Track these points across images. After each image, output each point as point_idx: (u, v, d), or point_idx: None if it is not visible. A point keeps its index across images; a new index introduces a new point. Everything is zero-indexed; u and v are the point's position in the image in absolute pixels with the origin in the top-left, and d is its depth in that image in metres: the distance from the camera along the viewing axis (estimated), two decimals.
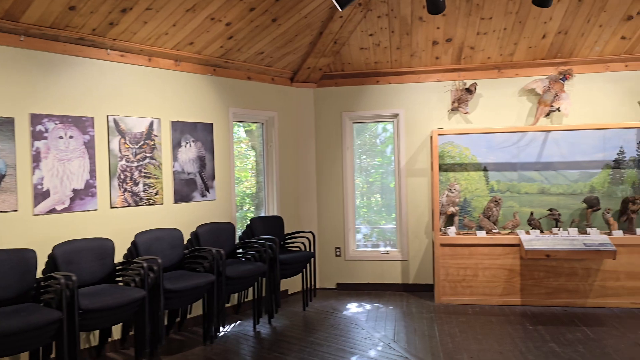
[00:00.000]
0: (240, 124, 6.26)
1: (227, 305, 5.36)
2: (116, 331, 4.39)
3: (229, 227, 5.26)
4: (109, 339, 4.31)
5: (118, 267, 4.23)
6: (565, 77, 5.74)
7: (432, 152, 5.78)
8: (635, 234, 5.44)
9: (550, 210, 5.79)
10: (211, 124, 5.37)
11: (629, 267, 5.33)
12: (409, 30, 5.62)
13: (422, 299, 5.86)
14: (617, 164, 5.75)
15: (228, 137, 5.58)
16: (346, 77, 6.32)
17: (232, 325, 5.07)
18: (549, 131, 5.84)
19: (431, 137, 5.90)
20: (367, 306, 5.65)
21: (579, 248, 5.20)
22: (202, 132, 5.26)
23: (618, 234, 5.42)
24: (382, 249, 6.46)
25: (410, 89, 6.23)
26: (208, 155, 5.32)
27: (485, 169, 6.02)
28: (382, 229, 6.66)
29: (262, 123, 6.15)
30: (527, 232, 5.63)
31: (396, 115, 6.29)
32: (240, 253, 5.24)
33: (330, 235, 6.44)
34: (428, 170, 6.16)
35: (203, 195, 5.25)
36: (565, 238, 5.40)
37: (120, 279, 4.21)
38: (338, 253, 6.42)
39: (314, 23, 5.40)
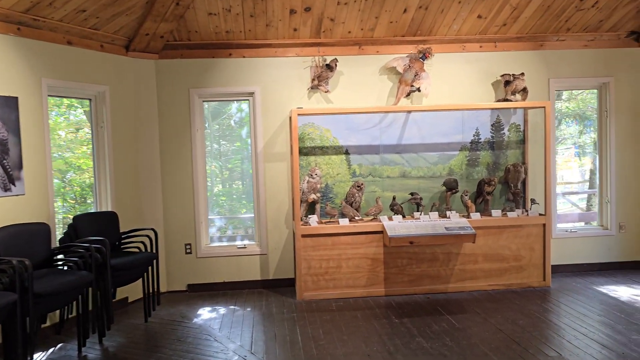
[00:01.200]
0: (79, 104, 5.13)
1: (45, 325, 4.31)
2: None
3: (43, 229, 4.19)
4: None
5: None
6: (425, 55, 5.54)
7: (292, 134, 5.23)
8: (491, 215, 5.46)
9: (411, 194, 5.60)
10: (15, 98, 4.21)
11: (485, 250, 5.33)
12: None
13: (283, 296, 5.34)
14: (473, 145, 5.74)
15: (41, 115, 4.45)
16: (193, 47, 5.48)
17: (51, 350, 4.06)
18: (409, 112, 5.63)
19: (290, 118, 5.35)
20: (222, 310, 4.97)
21: (442, 233, 5.05)
22: (2, 109, 4.10)
23: (475, 216, 5.39)
24: (239, 242, 5.81)
25: (267, 64, 5.59)
26: (12, 137, 4.17)
27: (347, 152, 5.64)
28: (242, 219, 6.01)
29: (90, 99, 5.08)
30: (390, 218, 5.37)
31: (252, 94, 5.62)
32: (59, 261, 4.22)
33: (179, 230, 5.60)
34: (288, 154, 5.62)
35: (6, 189, 4.12)
36: (427, 223, 5.23)
37: None
38: (189, 250, 5.62)
39: None
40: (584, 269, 5.94)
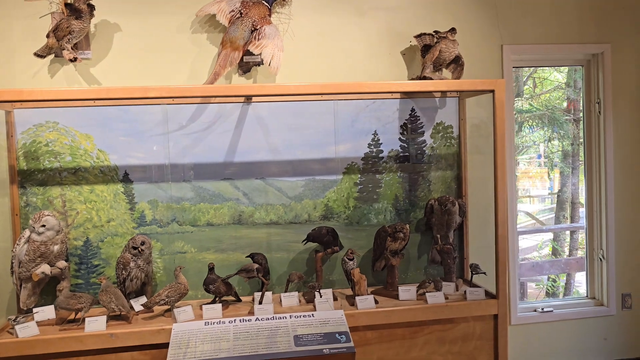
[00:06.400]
0: None
1: None
2: None
3: None
4: None
5: None
6: None
7: None
8: (397, 297, 2.85)
9: (252, 258, 2.94)
10: None
11: None
12: None
13: None
14: (369, 163, 3.15)
15: None
16: None
17: None
18: (247, 101, 2.99)
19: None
20: None
21: (283, 354, 2.39)
22: None
23: (366, 303, 2.75)
24: None
25: None
26: None
27: (126, 178, 2.94)
28: None
29: None
30: (200, 310, 2.70)
31: None
32: None
33: None
34: (6, 182, 2.88)
35: None
36: (263, 325, 2.57)
37: None
38: None
39: None
40: None
